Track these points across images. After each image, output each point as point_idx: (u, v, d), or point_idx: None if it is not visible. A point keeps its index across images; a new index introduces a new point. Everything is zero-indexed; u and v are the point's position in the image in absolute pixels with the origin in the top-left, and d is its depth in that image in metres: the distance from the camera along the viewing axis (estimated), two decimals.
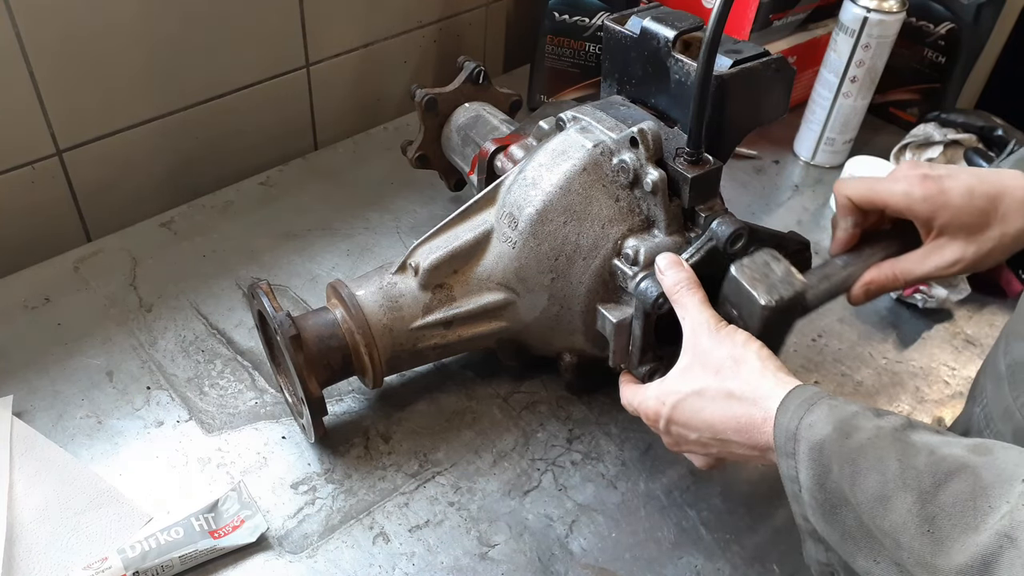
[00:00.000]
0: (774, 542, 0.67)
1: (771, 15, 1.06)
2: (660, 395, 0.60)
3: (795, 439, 0.49)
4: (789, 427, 0.50)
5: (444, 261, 0.70)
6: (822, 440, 0.48)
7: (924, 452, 0.45)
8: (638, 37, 0.70)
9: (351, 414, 0.75)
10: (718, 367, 0.57)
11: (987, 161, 0.93)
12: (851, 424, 0.48)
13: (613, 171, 0.66)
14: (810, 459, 0.48)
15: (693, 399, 0.57)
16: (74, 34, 0.81)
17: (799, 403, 0.51)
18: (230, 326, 0.82)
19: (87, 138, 0.88)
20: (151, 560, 0.60)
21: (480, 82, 0.91)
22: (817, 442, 0.48)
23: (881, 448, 0.46)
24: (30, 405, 0.73)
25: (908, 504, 0.44)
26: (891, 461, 0.45)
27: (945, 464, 0.44)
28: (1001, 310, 0.89)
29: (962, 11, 1.05)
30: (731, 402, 0.55)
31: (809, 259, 0.69)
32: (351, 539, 0.66)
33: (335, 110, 1.08)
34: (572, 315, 0.69)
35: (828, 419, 0.49)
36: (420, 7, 1.09)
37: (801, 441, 0.49)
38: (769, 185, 1.07)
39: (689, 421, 0.58)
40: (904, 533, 0.43)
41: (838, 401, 0.50)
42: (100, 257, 0.89)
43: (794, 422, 0.50)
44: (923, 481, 0.44)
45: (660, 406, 0.60)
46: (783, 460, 0.50)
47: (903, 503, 0.44)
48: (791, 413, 0.51)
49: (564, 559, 0.65)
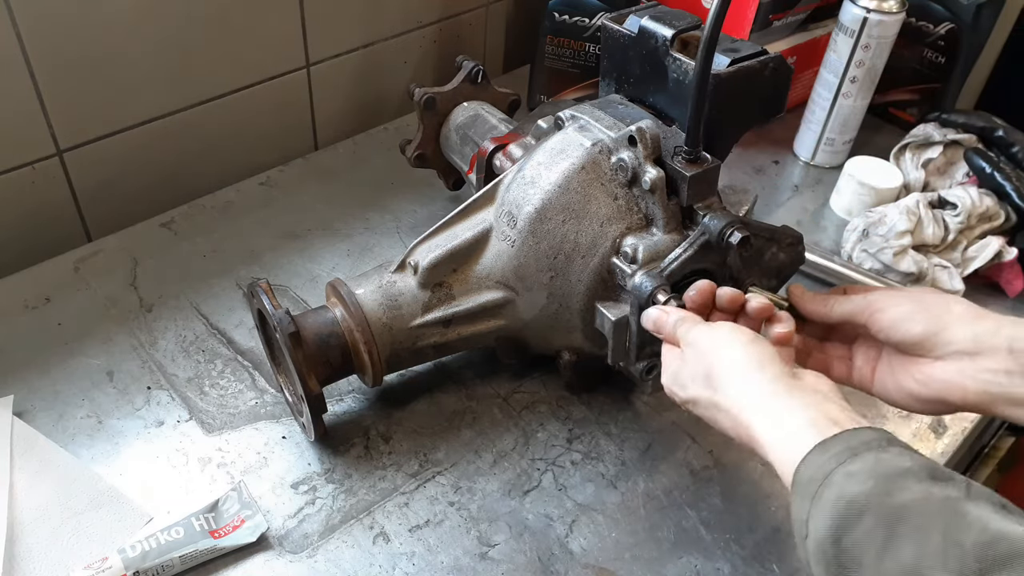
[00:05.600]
0: (774, 542, 0.67)
1: (771, 15, 1.06)
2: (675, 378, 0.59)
3: (826, 484, 0.44)
4: (824, 467, 0.45)
5: (443, 260, 0.70)
6: (858, 495, 0.43)
7: (976, 529, 0.39)
8: (636, 36, 0.70)
9: (351, 414, 0.75)
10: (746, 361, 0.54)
11: (987, 162, 0.92)
12: (897, 483, 0.43)
13: (612, 170, 0.66)
14: (834, 510, 0.43)
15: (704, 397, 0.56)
16: (74, 34, 0.81)
17: (845, 448, 0.46)
18: (230, 326, 0.82)
19: (87, 138, 0.88)
20: (151, 560, 0.60)
21: (479, 81, 0.91)
22: (852, 495, 0.43)
23: (926, 515, 0.41)
24: (30, 405, 0.73)
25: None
26: (934, 533, 0.40)
27: (998, 548, 0.38)
28: (1001, 310, 0.88)
29: (962, 11, 1.05)
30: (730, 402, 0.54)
31: (802, 253, 0.69)
32: (351, 539, 0.66)
33: (335, 110, 1.08)
34: (571, 313, 0.69)
35: (872, 473, 0.43)
36: (420, 7, 1.10)
37: (832, 488, 0.44)
38: (769, 185, 1.07)
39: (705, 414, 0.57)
40: None
41: (894, 452, 0.45)
42: (100, 257, 0.89)
43: (832, 463, 0.45)
44: (966, 565, 0.38)
45: (672, 384, 0.59)
46: (797, 500, 0.46)
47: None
48: (832, 452, 0.46)
49: (564, 559, 0.65)
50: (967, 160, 0.95)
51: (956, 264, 0.89)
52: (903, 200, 0.92)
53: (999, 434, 1.08)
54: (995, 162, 0.93)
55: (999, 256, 0.89)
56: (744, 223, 0.62)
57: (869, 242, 0.91)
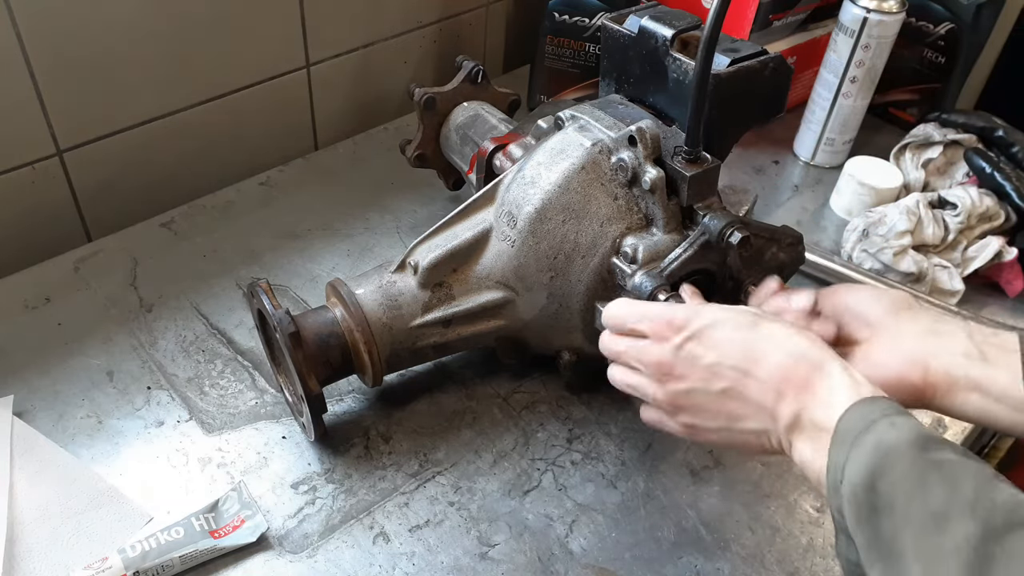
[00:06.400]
0: (773, 542, 0.67)
1: (771, 15, 1.06)
2: (700, 310, 0.56)
3: (868, 430, 0.45)
4: (868, 416, 0.46)
5: (443, 260, 0.70)
6: (898, 442, 0.43)
7: (1007, 493, 0.40)
8: (636, 36, 0.70)
9: (351, 414, 0.75)
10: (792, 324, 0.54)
11: (987, 162, 0.92)
12: (936, 443, 0.43)
13: (612, 169, 0.66)
14: (874, 454, 0.44)
15: (743, 328, 0.53)
16: (74, 34, 0.81)
17: (889, 405, 0.47)
18: (230, 326, 0.82)
19: (87, 138, 0.88)
20: (151, 560, 0.60)
21: (479, 81, 0.91)
22: (891, 442, 0.44)
23: (960, 471, 0.42)
24: (30, 405, 0.73)
25: (967, 533, 0.38)
26: (966, 485, 0.40)
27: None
28: (1001, 310, 0.89)
29: (962, 11, 1.05)
30: (798, 338, 0.52)
31: (802, 253, 0.69)
32: (351, 539, 0.66)
33: (335, 110, 1.08)
34: (571, 313, 0.69)
35: (914, 429, 0.44)
36: (420, 7, 1.10)
37: (873, 434, 0.44)
38: (769, 185, 1.07)
39: (722, 341, 0.53)
40: (945, 563, 0.38)
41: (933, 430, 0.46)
42: (100, 257, 0.89)
43: (877, 414, 0.46)
44: (995, 517, 0.38)
45: (694, 316, 0.55)
46: (837, 446, 0.46)
47: (962, 530, 0.39)
48: (878, 407, 0.46)
49: (564, 559, 0.65)
50: (967, 160, 0.95)
51: (956, 264, 0.89)
52: (903, 200, 0.92)
53: (999, 434, 1.08)
54: (995, 162, 0.93)
55: (999, 256, 0.89)
56: (744, 223, 0.62)
57: (869, 242, 0.91)
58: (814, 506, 0.70)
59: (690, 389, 0.55)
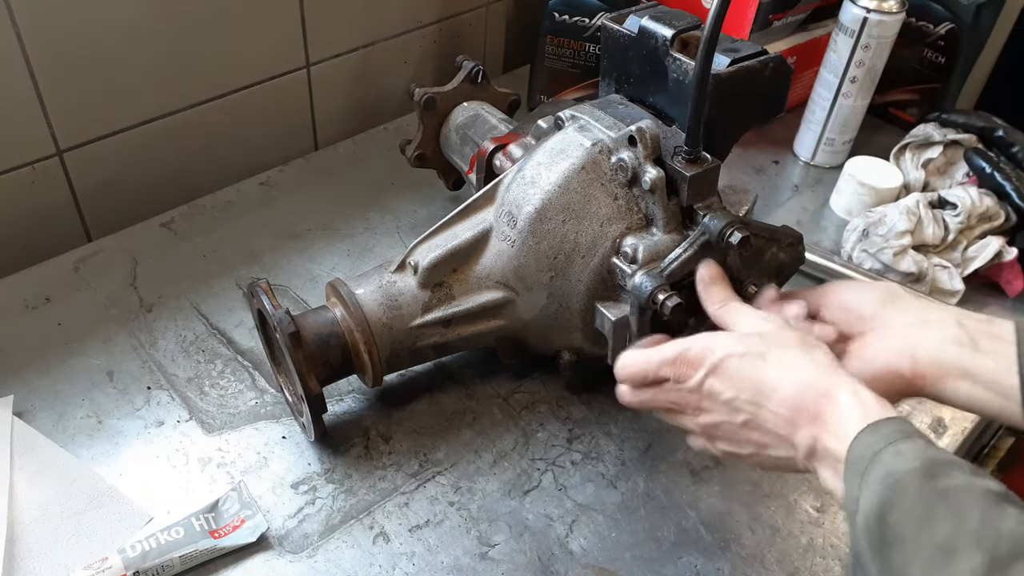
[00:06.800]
0: (773, 542, 0.67)
1: (771, 15, 1.06)
2: (712, 344, 0.56)
3: (876, 460, 0.45)
4: (874, 445, 0.46)
5: (443, 259, 0.70)
6: (904, 472, 0.44)
7: (1013, 520, 0.40)
8: (636, 36, 0.70)
9: (351, 414, 0.75)
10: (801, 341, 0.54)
11: (987, 162, 0.92)
12: (942, 469, 0.44)
13: (612, 169, 0.66)
14: (882, 486, 0.44)
15: (753, 359, 0.54)
16: (74, 34, 0.81)
17: (895, 429, 0.47)
18: (230, 326, 0.82)
19: (87, 138, 0.88)
20: (151, 560, 0.60)
21: (479, 81, 0.91)
22: (898, 472, 0.44)
23: (966, 500, 0.42)
24: (30, 405, 0.73)
25: (974, 565, 0.39)
26: (972, 515, 0.41)
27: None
28: (1001, 310, 0.89)
29: (962, 11, 1.05)
30: (805, 366, 0.52)
31: (802, 253, 0.69)
32: (351, 539, 0.66)
33: (335, 110, 1.08)
34: (571, 313, 0.69)
35: (919, 455, 0.44)
36: (420, 7, 1.10)
37: (880, 464, 0.45)
38: (769, 185, 1.07)
39: (735, 376, 0.54)
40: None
41: (939, 448, 0.46)
42: (100, 257, 0.89)
43: (881, 443, 0.46)
44: (1000, 547, 0.39)
45: (707, 352, 0.55)
46: (850, 477, 0.46)
47: (968, 562, 0.39)
48: (882, 433, 0.46)
49: (564, 559, 0.65)
50: (967, 160, 0.95)
51: (956, 264, 0.89)
52: (903, 200, 0.92)
53: (999, 434, 1.08)
54: (995, 162, 0.93)
55: (999, 256, 0.89)
56: (744, 223, 0.62)
57: (869, 242, 0.91)
58: (814, 506, 0.70)
59: (718, 422, 0.56)
